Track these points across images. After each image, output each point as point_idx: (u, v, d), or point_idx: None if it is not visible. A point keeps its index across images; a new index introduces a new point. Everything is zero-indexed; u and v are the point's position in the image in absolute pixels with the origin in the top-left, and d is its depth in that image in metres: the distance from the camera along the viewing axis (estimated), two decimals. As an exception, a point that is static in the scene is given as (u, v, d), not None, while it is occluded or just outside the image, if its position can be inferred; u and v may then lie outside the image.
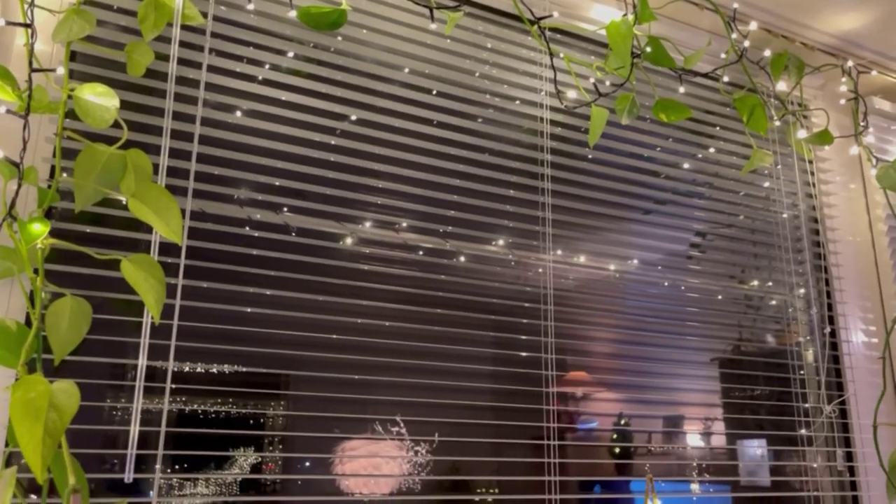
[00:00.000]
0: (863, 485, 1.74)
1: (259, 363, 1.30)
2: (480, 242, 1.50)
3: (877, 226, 1.95)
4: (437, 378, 1.40)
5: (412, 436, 1.37)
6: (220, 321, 1.26)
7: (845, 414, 1.79)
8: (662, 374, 1.64)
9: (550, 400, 1.44)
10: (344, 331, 1.35)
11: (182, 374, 1.23)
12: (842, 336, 1.84)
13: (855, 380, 1.81)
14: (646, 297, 1.67)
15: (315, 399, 1.32)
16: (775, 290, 1.84)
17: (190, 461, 1.22)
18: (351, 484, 1.34)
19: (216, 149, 1.29)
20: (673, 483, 1.61)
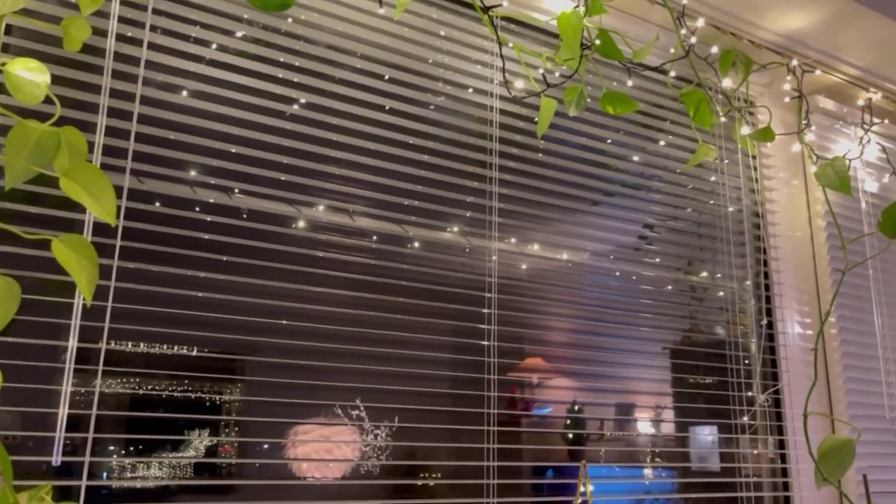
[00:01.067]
0: (793, 471, 1.80)
1: (209, 347, 1.29)
2: (429, 229, 1.51)
3: (816, 222, 2.00)
4: (387, 364, 1.41)
5: (362, 421, 1.38)
6: (171, 305, 1.25)
7: (779, 403, 1.85)
8: (609, 362, 1.67)
9: (491, 386, 1.46)
10: (295, 316, 1.35)
11: (129, 357, 1.21)
12: (778, 328, 1.89)
13: (789, 370, 1.87)
14: (592, 286, 1.70)
15: (263, 384, 1.32)
16: (718, 282, 1.88)
17: (143, 444, 1.22)
18: (303, 468, 1.34)
19: (159, 129, 1.27)
20: (611, 468, 1.65)
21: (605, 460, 1.65)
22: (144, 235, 1.24)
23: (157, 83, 1.29)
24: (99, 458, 1.16)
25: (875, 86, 2.10)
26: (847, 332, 1.92)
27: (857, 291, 1.98)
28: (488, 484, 1.40)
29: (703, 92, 1.70)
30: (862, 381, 1.92)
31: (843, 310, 1.93)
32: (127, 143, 1.22)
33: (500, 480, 1.41)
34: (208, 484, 1.27)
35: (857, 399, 1.89)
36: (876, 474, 1.86)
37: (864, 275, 2.00)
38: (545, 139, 1.67)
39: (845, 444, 1.58)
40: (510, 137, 1.63)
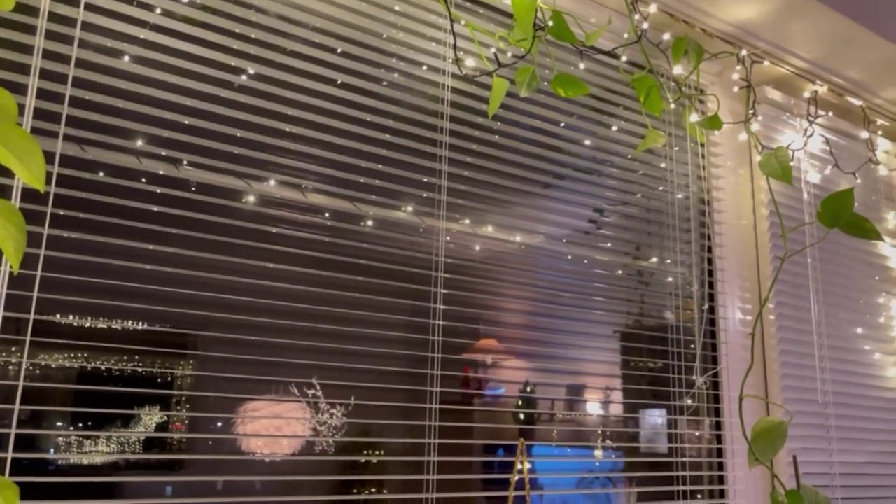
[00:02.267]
0: (728, 452, 1.86)
1: (155, 321, 1.26)
2: (378, 206, 1.50)
3: (759, 210, 2.05)
4: (335, 341, 1.40)
5: (308, 397, 1.37)
6: (114, 276, 1.22)
7: (718, 386, 1.90)
8: (557, 343, 1.69)
9: (435, 365, 1.46)
10: (244, 292, 1.33)
11: (67, 329, 1.18)
12: (720, 313, 1.94)
13: (728, 354, 1.91)
14: (541, 269, 1.71)
15: (211, 359, 1.30)
16: (665, 267, 1.91)
17: (93, 419, 1.20)
18: (251, 444, 1.33)
19: (98, 95, 1.23)
20: (558, 448, 1.68)
21: (550, 440, 1.68)
22: (82, 204, 1.20)
23: (96, 46, 1.25)
24: (26, 431, 1.13)
25: (821, 79, 2.15)
26: (784, 319, 1.98)
27: (796, 279, 2.04)
28: (429, 461, 1.41)
29: (654, 78, 1.71)
30: (796, 365, 1.98)
31: (782, 296, 1.99)
32: (61, 107, 1.18)
33: (439, 458, 1.42)
34: (139, 459, 1.25)
35: (792, 383, 1.95)
36: (806, 456, 1.93)
37: (803, 263, 2.06)
38: (498, 120, 1.67)
39: (778, 426, 1.63)
40: (461, 117, 1.62)
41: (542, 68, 1.73)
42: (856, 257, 2.23)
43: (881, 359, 2.21)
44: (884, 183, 2.37)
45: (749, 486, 1.86)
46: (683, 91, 1.87)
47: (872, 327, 2.22)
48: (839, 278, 2.16)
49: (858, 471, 2.06)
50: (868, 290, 2.24)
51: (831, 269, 2.14)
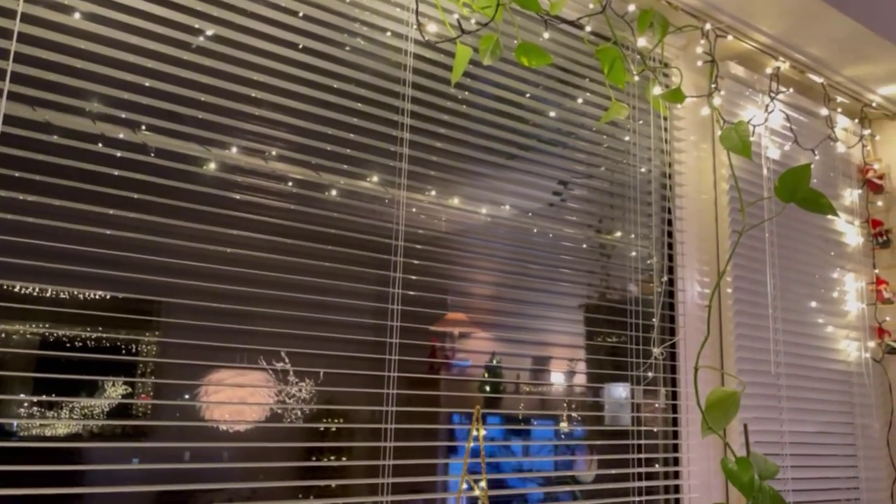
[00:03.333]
0: (683, 421, 1.90)
1: (107, 287, 1.24)
2: (337, 174, 1.48)
3: (720, 185, 2.07)
4: (297, 309, 1.39)
5: (272, 365, 1.37)
6: (66, 240, 1.19)
7: (675, 357, 1.94)
8: (517, 313, 1.70)
9: (393, 333, 1.46)
10: (205, 258, 1.31)
11: (17, 295, 1.15)
12: (678, 285, 1.96)
13: (686, 326, 1.95)
14: (503, 241, 1.71)
15: (175, 327, 1.28)
16: (626, 240, 1.93)
17: (56, 389, 1.18)
18: (216, 413, 1.32)
19: (47, 52, 1.19)
20: (501, 417, 1.69)
21: (509, 410, 1.69)
22: (27, 165, 1.17)
23: (44, 2, 1.21)
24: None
25: (784, 55, 2.17)
26: (741, 292, 2.01)
27: (754, 254, 2.07)
28: (386, 429, 1.42)
29: (618, 50, 1.71)
30: (751, 338, 2.02)
31: (739, 270, 2.02)
32: (6, 63, 1.14)
33: (396, 425, 1.43)
34: (105, 426, 1.24)
35: (746, 355, 2.00)
36: (758, 425, 1.98)
37: (761, 238, 2.10)
38: (461, 89, 1.65)
39: (731, 396, 1.67)
40: (424, 84, 1.60)
41: (506, 37, 1.71)
42: (812, 233, 2.28)
43: (833, 332, 2.27)
44: (841, 160, 2.41)
45: (702, 454, 1.91)
46: (647, 64, 1.87)
47: (826, 301, 2.27)
48: (795, 253, 2.20)
49: (808, 440, 2.12)
50: (823, 265, 2.29)
51: (788, 245, 2.18)
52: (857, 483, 2.23)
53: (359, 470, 1.44)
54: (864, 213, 2.44)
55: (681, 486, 1.87)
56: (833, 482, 2.17)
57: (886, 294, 2.37)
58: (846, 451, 2.23)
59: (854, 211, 2.42)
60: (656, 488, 1.84)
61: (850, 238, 2.40)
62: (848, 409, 2.26)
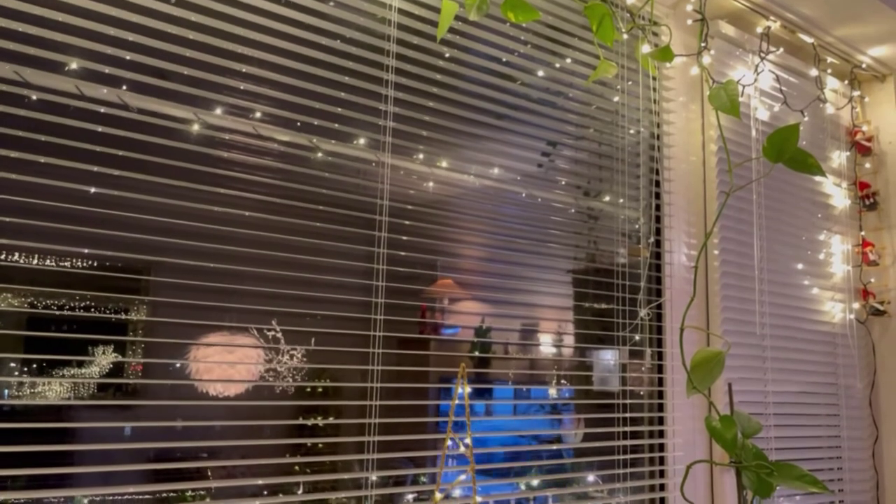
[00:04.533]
0: (668, 381, 1.91)
1: (93, 249, 1.22)
2: (324, 134, 1.46)
3: (709, 146, 2.06)
4: (287, 270, 1.39)
5: (262, 326, 1.36)
6: (48, 197, 1.18)
7: (661, 318, 1.94)
8: (507, 275, 1.70)
9: (379, 293, 1.46)
10: (195, 217, 1.29)
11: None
12: (665, 247, 1.96)
13: (672, 287, 1.95)
14: (490, 207, 1.70)
15: (164, 286, 1.27)
16: (613, 201, 1.92)
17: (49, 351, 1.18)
18: (203, 374, 1.32)
19: (27, 5, 1.16)
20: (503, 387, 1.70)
21: (495, 375, 1.70)
22: (6, 121, 1.14)
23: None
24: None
25: (775, 14, 2.14)
26: (728, 253, 2.02)
27: (741, 215, 2.07)
28: (372, 387, 1.42)
29: (607, 6, 1.68)
30: (737, 299, 2.03)
31: (727, 231, 2.02)
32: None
33: (382, 384, 1.43)
34: (95, 395, 1.23)
35: (732, 316, 2.01)
36: (742, 385, 2.00)
37: (749, 199, 2.09)
38: (448, 46, 1.63)
39: (716, 356, 1.67)
40: (410, 40, 1.57)
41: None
42: (799, 195, 2.28)
43: (818, 294, 2.28)
44: (830, 122, 2.40)
45: (686, 413, 1.92)
46: (637, 22, 1.85)
47: (812, 263, 2.28)
48: (783, 215, 2.20)
49: (791, 400, 2.15)
50: (810, 227, 2.30)
51: (775, 206, 2.18)
52: (839, 442, 2.27)
53: (345, 429, 1.45)
54: (851, 175, 2.44)
55: (665, 445, 1.89)
56: (815, 441, 2.20)
57: (872, 256, 2.38)
58: (829, 411, 2.26)
59: (841, 173, 2.42)
60: (641, 447, 1.86)
61: (837, 200, 2.40)
62: (831, 370, 2.29)
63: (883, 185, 2.43)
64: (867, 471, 2.33)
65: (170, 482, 1.26)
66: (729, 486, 1.92)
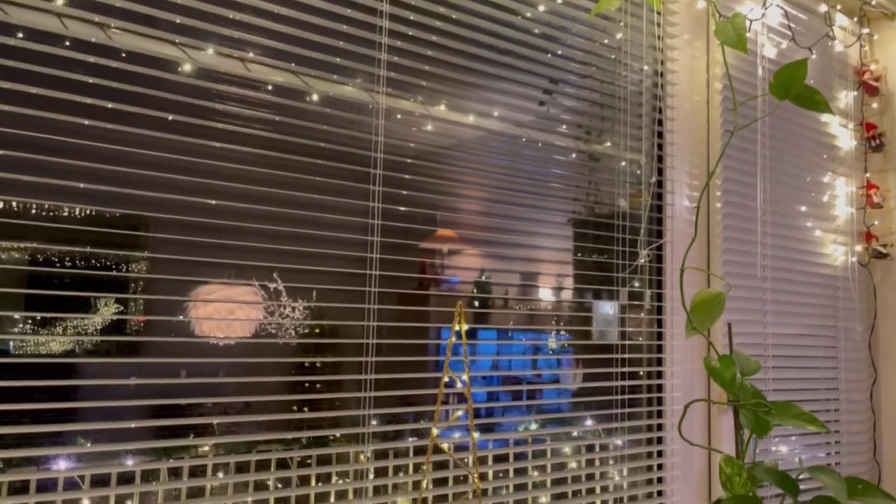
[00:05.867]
0: (667, 323, 1.90)
1: (95, 201, 1.20)
2: (317, 77, 1.41)
3: (713, 85, 2.01)
4: (281, 224, 1.36)
5: (259, 281, 1.34)
6: (41, 152, 1.15)
7: (661, 259, 1.92)
8: (501, 228, 1.67)
9: (374, 248, 1.43)
10: (188, 172, 1.27)
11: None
12: (667, 187, 1.93)
13: (673, 229, 1.92)
14: (490, 151, 1.67)
15: (160, 242, 1.25)
16: (616, 143, 1.88)
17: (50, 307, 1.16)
18: (204, 328, 1.31)
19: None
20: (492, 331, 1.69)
21: (492, 323, 1.69)
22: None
23: None
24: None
25: (785, -53, 2.07)
26: (730, 194, 1.99)
27: (744, 155, 2.03)
28: (368, 343, 1.41)
29: (610, -65, 1.62)
30: (739, 240, 2.01)
31: (730, 172, 1.99)
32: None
33: (378, 340, 1.42)
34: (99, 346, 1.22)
35: (733, 258, 1.99)
36: (742, 327, 1.99)
37: (753, 139, 2.05)
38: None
39: (716, 296, 1.66)
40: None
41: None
42: (805, 136, 2.23)
43: (821, 236, 2.26)
44: (838, 61, 2.34)
45: (685, 355, 1.92)
46: (641, -48, 1.78)
47: (815, 205, 2.25)
48: (787, 156, 2.16)
49: (790, 342, 2.14)
50: (814, 168, 2.26)
51: (780, 147, 2.14)
52: (837, 384, 2.27)
53: (342, 384, 1.44)
54: (858, 115, 2.39)
55: (663, 386, 1.89)
56: (813, 383, 2.21)
57: (876, 198, 2.35)
58: (828, 354, 2.26)
59: (848, 114, 2.37)
60: (639, 388, 1.86)
61: (843, 141, 2.36)
62: (831, 313, 2.28)
63: (889, 127, 2.38)
64: (864, 412, 2.34)
65: (173, 434, 1.27)
66: (726, 427, 1.92)
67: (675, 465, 1.86)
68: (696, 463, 1.91)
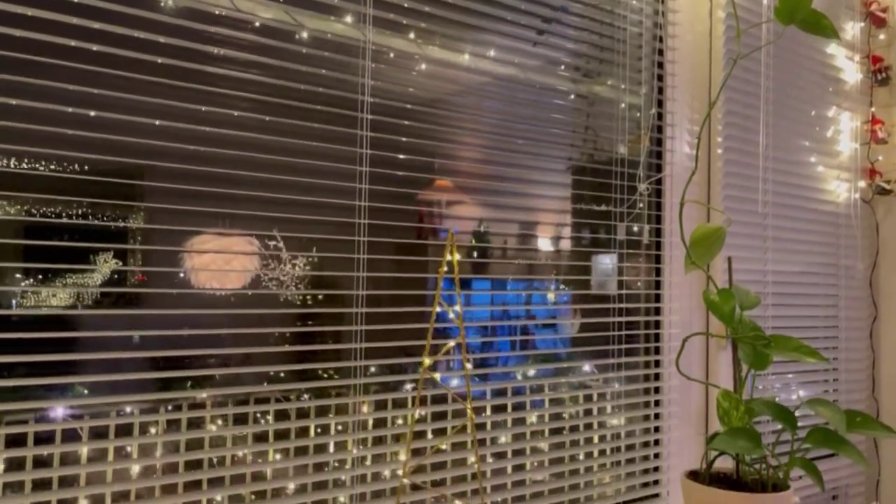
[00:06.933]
0: (666, 258, 1.87)
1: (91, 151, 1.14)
2: (303, 14, 1.35)
3: (716, 13, 1.93)
4: (270, 172, 1.31)
5: (253, 230, 1.30)
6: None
7: (661, 194, 1.88)
8: (496, 176, 1.62)
9: (362, 196, 1.38)
10: (185, 118, 1.21)
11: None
12: (668, 119, 1.87)
13: (673, 163, 1.87)
14: (483, 95, 1.60)
15: (153, 192, 1.20)
16: (616, 82, 1.82)
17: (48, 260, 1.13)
18: (201, 278, 1.27)
19: None
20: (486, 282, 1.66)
21: (488, 273, 1.65)
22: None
23: None
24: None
25: None
26: (732, 127, 1.93)
27: (747, 87, 1.97)
28: (358, 295, 1.38)
29: None
30: (740, 175, 1.96)
31: (732, 104, 1.93)
32: None
33: (368, 291, 1.38)
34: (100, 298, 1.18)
35: (733, 193, 1.94)
36: (741, 264, 1.95)
37: (756, 71, 1.99)
38: None
39: (716, 231, 1.62)
40: None
41: None
42: (810, 67, 2.17)
43: (824, 172, 2.21)
44: (846, -10, 2.26)
45: (683, 292, 1.89)
46: None
47: (819, 140, 2.19)
48: (791, 88, 2.10)
49: (790, 280, 2.11)
50: (818, 101, 2.19)
51: (784, 79, 2.08)
52: (837, 322, 2.25)
53: (333, 335, 1.41)
54: (864, 48, 2.32)
55: (661, 323, 1.86)
56: (812, 321, 2.19)
57: (881, 134, 2.29)
58: (828, 292, 2.23)
59: (854, 46, 2.30)
60: (636, 323, 1.84)
61: (849, 74, 2.29)
62: (833, 251, 2.24)
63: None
64: (864, 350, 2.32)
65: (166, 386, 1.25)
66: (724, 364, 1.91)
67: (672, 402, 1.85)
68: (693, 400, 1.90)
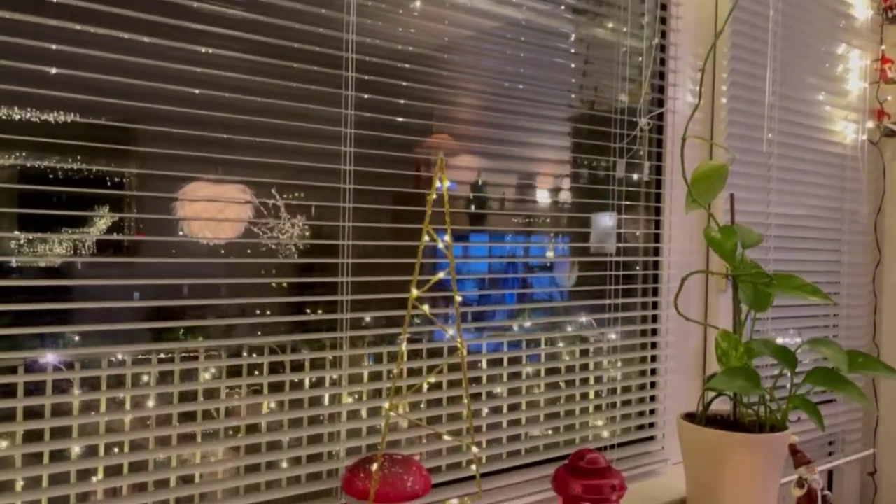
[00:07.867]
0: (666, 197, 1.81)
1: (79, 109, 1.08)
2: None
3: (724, -59, 1.84)
4: (257, 135, 1.25)
5: (246, 177, 1.24)
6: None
7: (662, 130, 1.81)
8: (492, 123, 1.55)
9: (348, 142, 1.31)
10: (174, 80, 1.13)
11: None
12: (671, 52, 1.80)
13: (676, 97, 1.80)
14: (474, 38, 1.52)
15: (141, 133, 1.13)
16: (618, 29, 1.73)
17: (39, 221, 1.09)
18: (193, 228, 1.22)
19: None
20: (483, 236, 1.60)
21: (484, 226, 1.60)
22: None
23: None
24: None
25: None
26: (738, 61, 1.86)
27: (755, 20, 1.89)
28: (344, 245, 1.32)
29: None
30: (745, 112, 1.89)
31: (738, 37, 1.85)
32: None
33: (354, 242, 1.32)
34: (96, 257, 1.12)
35: (738, 131, 1.88)
36: (744, 205, 1.90)
37: (765, 2, 1.90)
38: None
39: (718, 168, 1.56)
40: None
41: None
42: (820, 2, 2.08)
43: (830, 111, 2.14)
44: (861, -80, 2.16)
45: (684, 232, 1.84)
46: None
47: (827, 78, 2.12)
48: (800, 24, 2.02)
49: (793, 223, 2.06)
50: (828, 38, 2.11)
51: (793, 14, 1.99)
52: (839, 267, 2.21)
53: (319, 287, 1.35)
54: (877, -18, 2.23)
55: (660, 263, 1.82)
56: (814, 265, 2.14)
57: (891, 73, 2.22)
58: (831, 236, 2.18)
59: (867, -20, 2.21)
60: (633, 263, 1.79)
61: (859, 11, 2.20)
62: (837, 194, 2.19)
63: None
64: (866, 296, 2.29)
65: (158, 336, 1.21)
66: (723, 306, 1.86)
67: (669, 345, 1.81)
68: (691, 345, 1.87)
